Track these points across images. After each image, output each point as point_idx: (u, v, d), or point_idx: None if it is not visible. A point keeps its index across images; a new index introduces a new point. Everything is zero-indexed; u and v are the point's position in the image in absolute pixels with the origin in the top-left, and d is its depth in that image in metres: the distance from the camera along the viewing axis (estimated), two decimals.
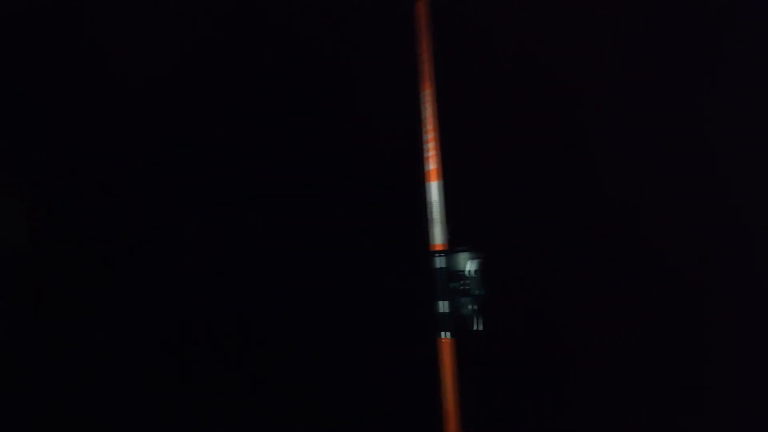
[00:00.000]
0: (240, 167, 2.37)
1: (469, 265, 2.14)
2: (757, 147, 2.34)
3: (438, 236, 2.18)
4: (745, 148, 2.34)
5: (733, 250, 2.31)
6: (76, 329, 2.25)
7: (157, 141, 2.36)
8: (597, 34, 2.42)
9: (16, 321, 2.24)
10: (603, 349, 2.29)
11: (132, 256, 2.30)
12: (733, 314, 2.29)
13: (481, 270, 2.12)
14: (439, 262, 2.17)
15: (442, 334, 2.12)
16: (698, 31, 2.41)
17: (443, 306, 2.14)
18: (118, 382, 2.24)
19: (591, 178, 2.40)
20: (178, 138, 2.36)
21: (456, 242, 2.17)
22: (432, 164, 2.23)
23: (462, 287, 2.13)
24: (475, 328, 2.11)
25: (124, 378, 2.23)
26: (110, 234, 2.30)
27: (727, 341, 2.29)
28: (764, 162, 2.33)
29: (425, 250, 2.18)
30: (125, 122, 2.35)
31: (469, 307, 2.12)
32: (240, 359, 2.30)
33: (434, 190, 2.21)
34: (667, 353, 2.30)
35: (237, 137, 2.38)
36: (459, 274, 2.14)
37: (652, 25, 2.42)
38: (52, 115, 2.33)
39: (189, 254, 2.30)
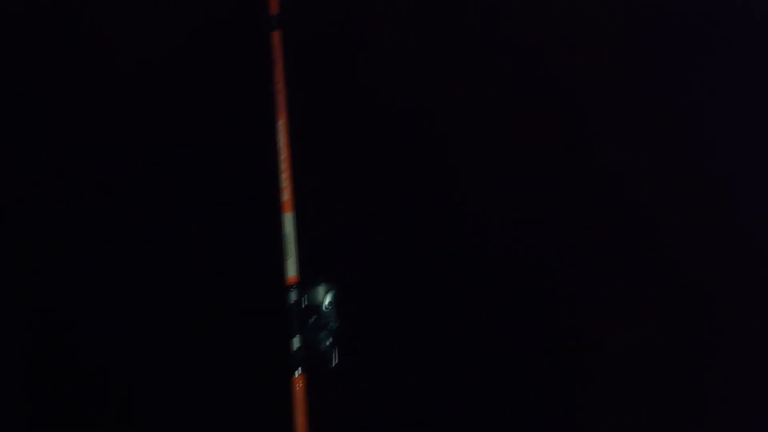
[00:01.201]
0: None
1: (325, 297, 2.01)
2: (757, 146, 2.34)
3: (292, 269, 2.05)
4: (746, 148, 2.34)
5: (732, 249, 2.29)
6: None
7: None
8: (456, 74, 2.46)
9: None
10: (473, 388, 2.20)
11: None
12: (733, 314, 2.25)
13: (338, 303, 2.00)
14: (292, 296, 2.02)
15: (295, 371, 1.94)
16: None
17: (295, 342, 1.98)
18: None
19: (454, 210, 2.36)
20: None
21: (312, 275, 2.04)
22: (286, 195, 2.13)
23: (318, 321, 1.99)
24: (331, 364, 1.96)
25: None
26: None
27: (726, 341, 2.24)
28: (764, 162, 2.33)
29: (279, 284, 2.03)
30: None
31: (326, 342, 1.98)
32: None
33: (288, 222, 2.10)
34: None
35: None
36: (315, 308, 2.01)
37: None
38: None
39: None
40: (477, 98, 2.42)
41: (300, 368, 1.95)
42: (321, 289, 2.02)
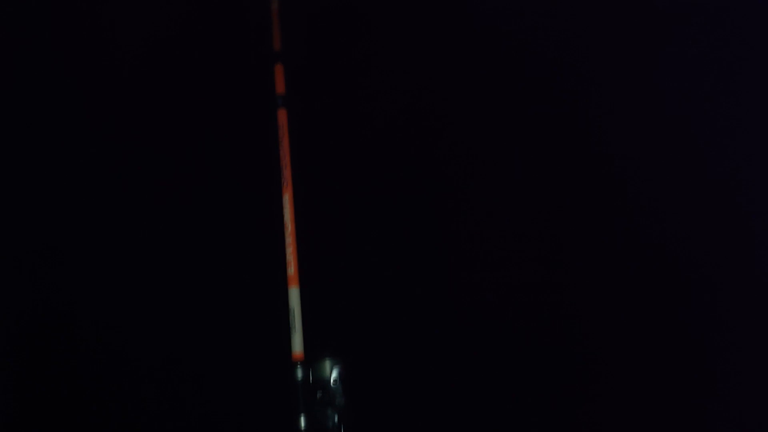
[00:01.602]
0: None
1: (331, 373, 1.99)
2: (758, 146, 2.32)
3: (297, 345, 2.04)
4: (746, 147, 2.33)
5: (733, 249, 2.27)
6: None
7: None
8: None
9: None
10: None
11: None
12: (733, 314, 2.23)
13: (345, 379, 1.99)
14: (298, 374, 2.00)
15: None
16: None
17: (304, 420, 1.95)
18: None
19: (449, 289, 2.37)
20: None
21: (317, 351, 2.03)
22: (292, 269, 2.13)
23: (324, 398, 1.97)
24: None
25: None
26: None
27: (726, 341, 2.23)
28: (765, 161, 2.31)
29: (285, 360, 2.01)
30: None
31: (332, 419, 1.96)
32: None
33: (294, 296, 2.10)
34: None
35: None
36: (321, 385, 1.98)
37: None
38: None
39: None
40: (487, 155, 2.44)
41: None
42: (327, 365, 2.00)
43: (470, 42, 2.45)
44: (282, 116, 2.32)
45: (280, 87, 2.34)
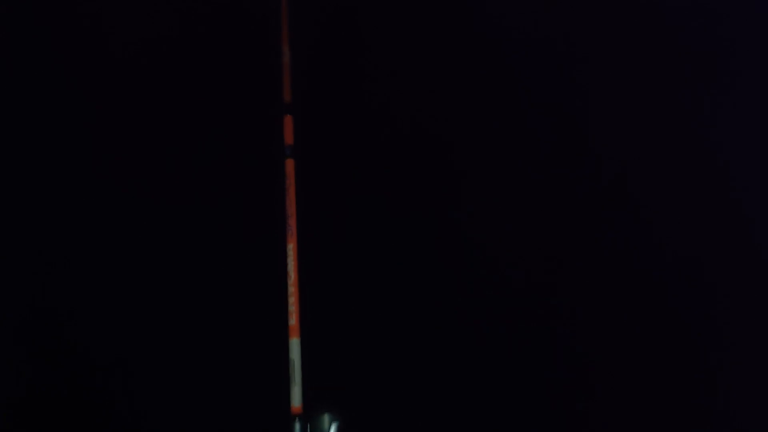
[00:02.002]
0: None
1: (330, 429, 1.96)
2: (758, 145, 2.32)
3: (297, 398, 2.01)
4: (747, 146, 2.32)
5: (733, 249, 2.26)
6: None
7: None
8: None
9: None
10: None
11: None
12: (732, 314, 2.21)
13: None
14: (298, 427, 1.97)
15: None
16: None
17: None
18: None
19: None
20: None
21: (316, 404, 2.00)
22: (293, 319, 2.11)
23: None
24: None
25: None
26: None
27: (726, 341, 2.21)
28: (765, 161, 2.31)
29: (283, 413, 1.98)
30: None
31: None
32: None
33: (294, 348, 2.07)
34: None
35: None
36: None
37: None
38: None
39: None
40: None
41: None
42: (325, 420, 1.97)
43: (478, 76, 2.48)
44: (290, 166, 2.33)
45: (289, 138, 2.36)
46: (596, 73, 2.47)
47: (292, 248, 2.22)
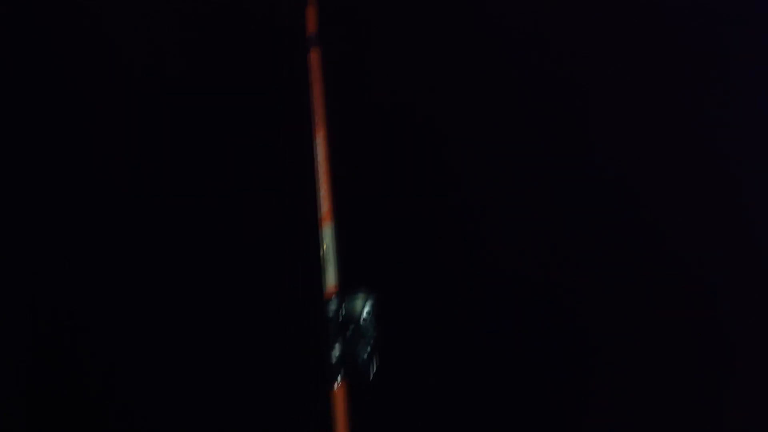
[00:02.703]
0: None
1: (364, 308, 1.98)
2: (758, 145, 2.30)
3: (331, 278, 2.03)
4: (747, 146, 2.30)
5: (733, 249, 2.24)
6: None
7: None
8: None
9: None
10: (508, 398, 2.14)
11: None
12: (732, 313, 2.20)
13: (377, 313, 1.97)
14: (332, 306, 2.00)
15: (335, 381, 1.91)
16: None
17: (336, 353, 1.94)
18: None
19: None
20: None
21: (350, 285, 2.02)
22: (325, 205, 2.12)
23: (356, 332, 1.96)
24: (370, 374, 1.92)
25: None
26: None
27: (726, 341, 2.19)
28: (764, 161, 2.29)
29: (318, 294, 2.01)
30: None
31: (364, 352, 1.95)
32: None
33: (328, 232, 2.09)
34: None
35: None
36: (353, 319, 1.98)
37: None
38: None
39: None
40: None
41: (339, 378, 1.91)
42: (359, 299, 1.99)
43: None
44: (314, 56, 2.31)
45: (312, 27, 2.33)
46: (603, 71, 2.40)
47: (320, 135, 2.22)
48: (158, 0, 2.41)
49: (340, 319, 1.98)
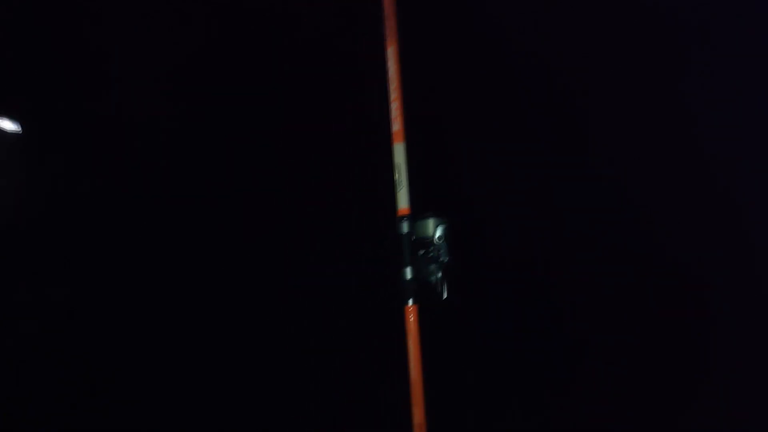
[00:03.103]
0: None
1: (436, 230, 2.02)
2: (757, 145, 2.30)
3: (404, 201, 2.06)
4: (747, 145, 2.29)
5: (733, 249, 2.26)
6: None
7: None
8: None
9: None
10: (572, 327, 2.22)
11: None
12: (732, 313, 2.23)
13: (449, 236, 2.01)
14: (404, 228, 2.04)
15: (408, 302, 1.99)
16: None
17: (408, 273, 2.01)
18: None
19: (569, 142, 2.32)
20: None
21: (423, 207, 2.05)
22: (397, 125, 2.11)
23: (428, 254, 2.01)
24: (441, 296, 1.99)
25: None
26: None
27: (725, 341, 2.23)
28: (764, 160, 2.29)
29: (390, 215, 2.05)
30: None
31: (436, 274, 2.01)
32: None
33: (400, 152, 2.09)
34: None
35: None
36: (426, 241, 2.02)
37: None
38: None
39: None
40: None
41: (411, 299, 1.99)
42: (431, 222, 2.03)
43: None
44: None
45: None
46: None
47: (392, 51, 2.17)
48: None
49: (412, 241, 2.03)
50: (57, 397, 2.11)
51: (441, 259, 2.00)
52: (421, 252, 2.02)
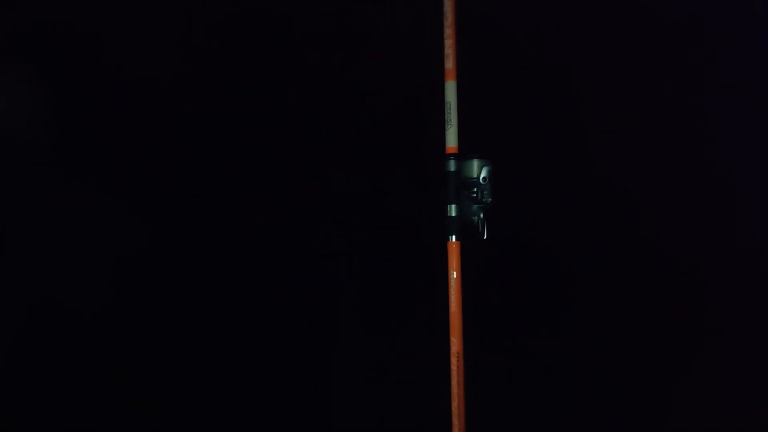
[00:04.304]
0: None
1: (481, 171, 2.10)
2: (757, 144, 2.31)
3: (452, 139, 2.12)
4: (747, 145, 2.31)
5: (732, 246, 2.32)
6: None
7: None
8: None
9: None
10: (601, 286, 2.35)
11: None
12: (731, 313, 2.31)
13: (493, 178, 2.10)
14: (451, 166, 2.12)
15: (451, 237, 2.10)
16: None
17: (452, 210, 2.11)
18: None
19: None
20: None
21: (470, 147, 2.12)
22: (450, 62, 2.14)
23: (472, 193, 2.10)
24: (481, 235, 2.10)
25: None
26: None
27: (725, 340, 2.31)
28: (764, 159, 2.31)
29: (439, 152, 2.12)
30: None
31: (478, 215, 2.11)
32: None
33: (451, 91, 2.13)
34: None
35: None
36: (470, 180, 2.11)
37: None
38: None
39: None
40: None
41: (455, 235, 2.10)
42: (477, 163, 2.11)
43: None
44: None
45: None
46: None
47: None
48: None
49: (459, 178, 2.11)
50: (57, 397, 2.17)
51: (484, 200, 2.10)
52: (466, 192, 2.11)
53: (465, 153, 2.11)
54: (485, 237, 2.10)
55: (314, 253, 2.34)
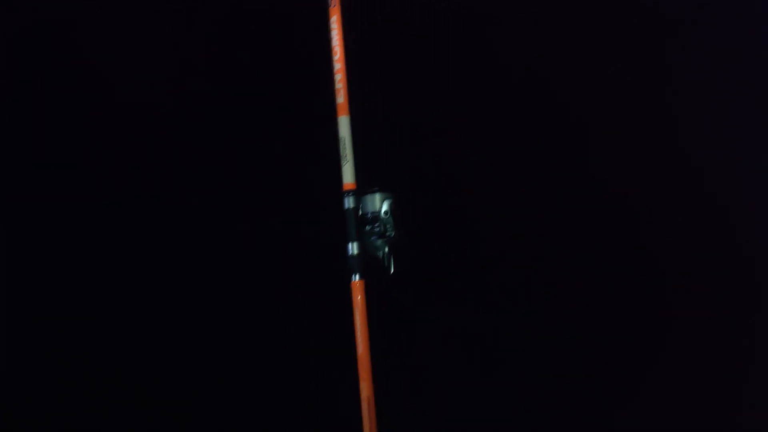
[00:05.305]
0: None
1: (383, 205, 2.03)
2: (757, 144, 2.33)
3: (348, 175, 2.05)
4: (747, 145, 2.33)
5: (732, 246, 2.31)
6: None
7: None
8: None
9: None
10: (522, 293, 2.29)
11: None
12: (731, 313, 2.29)
13: (395, 211, 2.03)
14: (349, 203, 2.04)
15: (354, 276, 2.01)
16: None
17: (353, 248, 2.02)
18: None
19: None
20: None
21: (368, 181, 2.05)
22: (341, 97, 2.08)
23: (374, 229, 2.02)
24: (388, 271, 2.02)
25: None
26: None
27: (724, 340, 2.29)
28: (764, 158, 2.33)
29: (335, 190, 2.04)
30: None
31: (382, 249, 2.03)
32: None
33: (344, 125, 2.07)
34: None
35: None
36: (371, 216, 2.03)
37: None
38: None
39: None
40: None
41: (358, 274, 2.01)
42: (378, 197, 2.03)
43: None
44: None
45: None
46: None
47: (336, 20, 2.12)
48: None
49: (358, 216, 2.03)
50: (57, 397, 2.07)
51: (388, 233, 2.02)
52: (368, 227, 2.03)
53: (364, 188, 2.04)
54: (392, 271, 2.01)
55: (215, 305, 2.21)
